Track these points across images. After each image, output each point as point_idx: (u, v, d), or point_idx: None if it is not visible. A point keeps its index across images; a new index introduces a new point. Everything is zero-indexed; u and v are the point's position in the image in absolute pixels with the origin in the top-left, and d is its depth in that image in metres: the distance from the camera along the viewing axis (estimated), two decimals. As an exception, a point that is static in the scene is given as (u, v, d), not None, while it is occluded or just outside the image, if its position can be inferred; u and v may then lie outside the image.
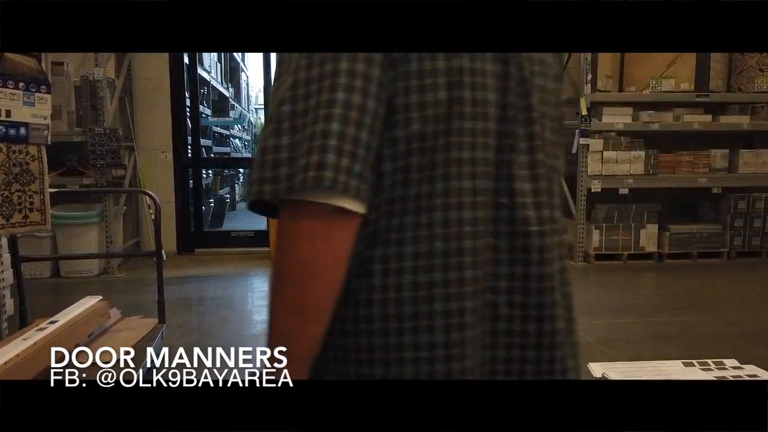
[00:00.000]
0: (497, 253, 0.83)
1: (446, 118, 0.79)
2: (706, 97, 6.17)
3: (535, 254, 0.84)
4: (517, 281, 0.84)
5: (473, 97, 0.80)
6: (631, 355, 3.51)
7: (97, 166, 5.44)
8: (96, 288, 5.31)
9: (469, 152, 0.80)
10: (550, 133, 0.90)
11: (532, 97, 0.86)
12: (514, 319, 0.84)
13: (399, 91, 0.79)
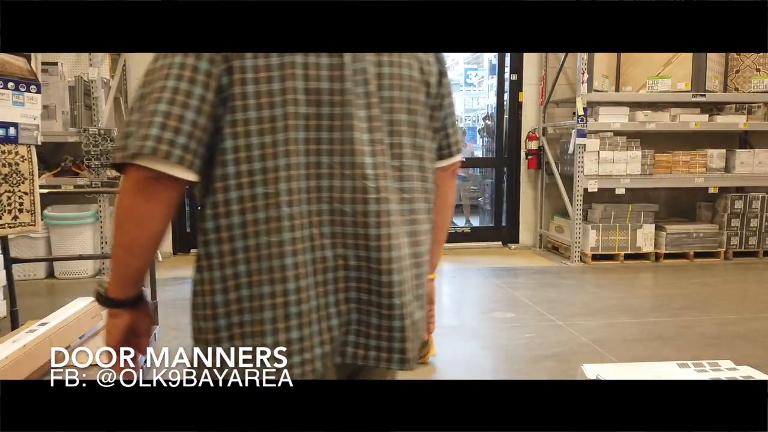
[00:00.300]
0: (344, 215, 1.01)
1: (282, 104, 0.96)
2: (703, 96, 6.16)
3: (372, 218, 1.01)
4: (361, 239, 1.02)
5: (306, 87, 0.98)
6: (627, 356, 3.49)
7: (91, 167, 5.40)
8: (91, 289, 5.27)
9: (303, 133, 0.98)
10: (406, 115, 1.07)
11: (369, 85, 1.02)
12: (361, 269, 1.03)
13: (235, 81, 0.96)
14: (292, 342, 1.02)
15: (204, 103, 0.95)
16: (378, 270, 1.03)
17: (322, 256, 1.02)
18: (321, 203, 1.01)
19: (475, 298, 5.01)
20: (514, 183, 7.18)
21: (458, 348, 3.73)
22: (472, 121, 21.18)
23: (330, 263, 1.03)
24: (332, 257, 1.03)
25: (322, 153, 1.00)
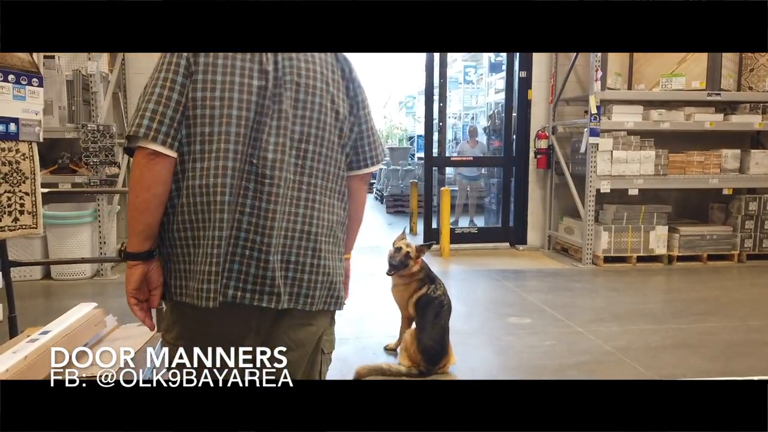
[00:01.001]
0: (247, 191, 1.43)
1: (220, 106, 1.41)
2: (718, 95, 6.03)
3: (266, 196, 1.43)
4: (255, 209, 1.43)
5: (239, 104, 1.43)
6: (654, 366, 3.35)
7: (89, 164, 5.21)
8: (89, 291, 5.10)
9: (235, 128, 1.41)
10: (314, 129, 1.51)
11: (284, 104, 1.47)
12: (250, 231, 1.43)
13: (196, 89, 1.41)
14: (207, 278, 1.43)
15: (179, 104, 1.42)
16: (261, 233, 1.44)
17: (231, 217, 1.43)
18: (234, 179, 1.43)
19: (488, 303, 4.85)
20: (522, 183, 7.03)
21: (477, 356, 3.57)
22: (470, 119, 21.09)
23: (232, 223, 1.43)
24: (245, 228, 1.44)
25: (240, 144, 1.43)
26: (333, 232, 1.58)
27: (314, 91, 1.53)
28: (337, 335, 3.85)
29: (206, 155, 1.42)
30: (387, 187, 12.09)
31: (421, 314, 3.20)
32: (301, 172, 1.49)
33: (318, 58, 1.58)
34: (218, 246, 1.42)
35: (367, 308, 4.52)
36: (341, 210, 1.61)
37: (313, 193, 1.51)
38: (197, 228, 1.44)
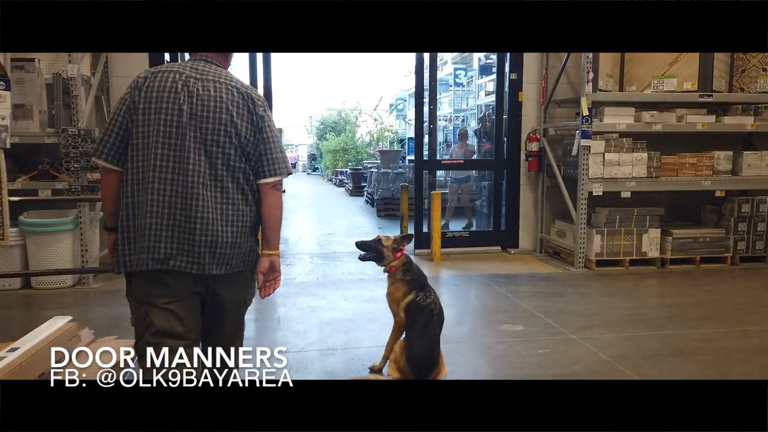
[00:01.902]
0: (177, 194, 2.04)
1: (150, 127, 2.05)
2: (710, 97, 5.97)
3: (197, 206, 2.05)
4: (194, 210, 2.05)
5: (166, 115, 2.06)
6: (651, 375, 3.26)
7: (70, 170, 5.05)
8: (70, 301, 4.95)
9: (165, 148, 2.04)
10: (219, 149, 2.10)
11: (196, 113, 2.07)
12: (182, 219, 2.04)
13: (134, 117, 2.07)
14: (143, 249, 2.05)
15: (119, 133, 2.09)
16: (188, 219, 2.05)
17: (168, 213, 2.05)
18: (167, 184, 2.05)
19: (480, 309, 4.76)
20: (513, 185, 6.95)
21: (468, 366, 3.47)
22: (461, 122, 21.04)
23: (169, 217, 2.05)
24: (170, 214, 2.05)
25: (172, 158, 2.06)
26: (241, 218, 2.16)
27: (218, 116, 2.11)
28: (325, 346, 3.74)
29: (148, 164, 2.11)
30: (378, 191, 11.98)
31: (411, 323, 3.07)
32: (214, 178, 2.11)
33: (224, 89, 2.15)
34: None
35: (355, 316, 4.41)
36: (246, 203, 2.17)
37: (224, 193, 2.12)
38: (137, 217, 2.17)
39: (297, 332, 4.07)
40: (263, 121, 2.18)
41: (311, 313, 4.54)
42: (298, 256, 6.94)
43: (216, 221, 2.08)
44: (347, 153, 23.92)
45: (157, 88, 2.07)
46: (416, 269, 3.24)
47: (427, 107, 7.00)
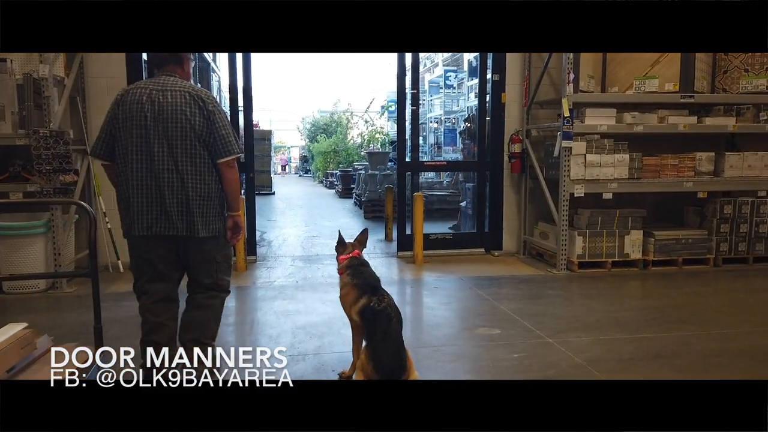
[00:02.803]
0: (151, 177, 2.83)
1: (126, 131, 2.84)
2: (691, 98, 5.94)
3: (164, 188, 2.82)
4: (160, 202, 2.84)
5: (136, 120, 2.82)
6: (625, 378, 3.20)
7: (42, 172, 4.97)
8: (41, 305, 4.85)
9: (137, 145, 2.82)
10: (180, 140, 2.83)
11: (160, 117, 2.82)
12: (159, 198, 2.84)
13: (116, 125, 2.87)
14: (138, 220, 2.86)
15: (107, 138, 2.90)
16: (161, 196, 2.81)
17: (143, 189, 2.82)
18: (141, 172, 2.81)
19: (458, 312, 4.69)
20: (497, 187, 6.89)
21: (440, 371, 3.40)
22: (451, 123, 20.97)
23: (145, 192, 2.82)
24: (147, 189, 2.82)
25: (133, 147, 2.82)
26: (205, 193, 2.89)
27: (177, 116, 2.84)
28: (296, 351, 3.66)
29: (127, 163, 2.87)
30: (365, 193, 11.90)
31: (370, 331, 3.00)
32: (175, 163, 2.83)
33: (181, 97, 2.86)
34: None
35: (331, 320, 4.34)
36: (208, 181, 2.89)
37: (182, 174, 2.84)
38: (125, 202, 2.96)
39: (269, 337, 3.99)
40: (213, 115, 2.89)
41: (287, 317, 4.47)
42: (279, 258, 6.86)
43: (180, 196, 2.84)
44: (338, 155, 23.85)
45: (129, 101, 2.85)
46: (367, 273, 3.18)
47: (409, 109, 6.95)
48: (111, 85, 6.05)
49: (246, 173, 6.39)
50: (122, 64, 6.07)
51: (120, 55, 6.06)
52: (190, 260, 2.98)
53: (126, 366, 3.42)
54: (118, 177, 2.90)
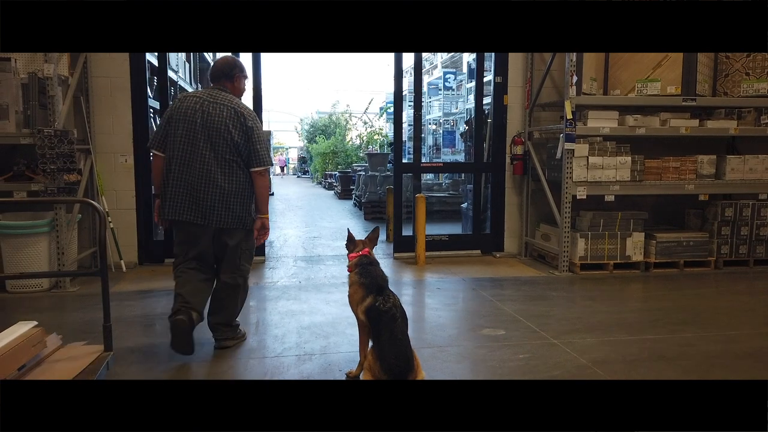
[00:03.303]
0: (192, 174, 3.41)
1: (177, 131, 3.44)
2: (693, 101, 5.97)
3: (201, 185, 3.40)
4: (195, 196, 3.41)
5: (186, 124, 3.43)
6: (630, 379, 3.22)
7: (46, 171, 4.97)
8: (45, 305, 4.85)
9: (183, 145, 3.42)
10: (222, 147, 3.42)
11: (206, 125, 3.41)
12: (194, 192, 3.41)
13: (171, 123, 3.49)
14: (173, 206, 3.43)
15: (165, 132, 3.50)
16: (196, 192, 3.39)
17: (181, 181, 3.40)
18: (183, 167, 3.41)
19: (462, 313, 4.70)
20: (498, 189, 6.92)
21: (446, 371, 3.42)
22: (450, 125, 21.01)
23: (182, 185, 3.40)
24: (184, 182, 3.40)
25: (179, 145, 3.43)
26: (238, 192, 3.47)
27: (220, 126, 3.41)
28: (302, 351, 3.67)
29: (172, 157, 3.46)
30: (365, 194, 11.91)
31: (377, 331, 3.01)
32: (218, 165, 3.42)
33: (227, 110, 3.44)
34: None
35: (336, 320, 4.35)
36: (242, 183, 3.48)
37: (221, 176, 3.43)
38: (166, 188, 3.48)
39: (275, 337, 4.00)
40: (251, 131, 3.47)
41: (291, 317, 4.48)
42: (282, 259, 6.87)
43: (212, 193, 3.41)
44: (337, 156, 23.86)
45: (185, 107, 3.44)
46: (375, 272, 3.19)
47: (406, 112, 6.97)
48: (114, 84, 6.08)
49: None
50: (126, 65, 6.08)
51: (123, 55, 6.07)
52: (217, 247, 3.55)
53: (133, 363, 3.44)
54: (163, 169, 3.47)
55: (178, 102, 3.48)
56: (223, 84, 3.56)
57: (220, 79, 3.57)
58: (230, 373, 3.38)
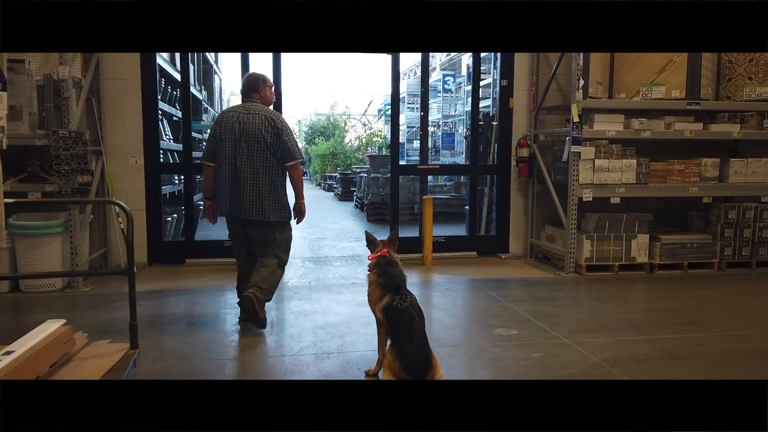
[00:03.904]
0: (235, 175, 4.11)
1: (222, 143, 4.15)
2: (698, 105, 6.06)
3: (241, 184, 4.09)
4: (238, 195, 4.11)
5: (228, 135, 4.13)
6: (644, 378, 3.29)
7: (61, 172, 5.02)
8: (59, 304, 4.89)
9: (228, 153, 4.13)
10: (256, 148, 4.08)
11: (244, 133, 4.09)
12: (235, 191, 4.12)
13: (216, 137, 4.22)
14: (223, 205, 4.20)
15: (213, 146, 4.24)
16: (241, 191, 4.09)
17: (229, 184, 4.11)
18: (230, 171, 4.11)
19: (473, 313, 4.77)
20: (504, 191, 6.99)
21: (463, 370, 3.48)
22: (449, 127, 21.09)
23: (230, 187, 4.11)
24: (231, 185, 4.11)
25: (226, 154, 4.13)
26: (271, 189, 4.12)
27: (256, 133, 4.05)
28: (320, 350, 3.73)
29: (221, 164, 4.18)
30: (368, 195, 11.97)
31: (395, 330, 3.08)
32: (251, 166, 4.06)
33: (259, 118, 4.08)
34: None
35: (349, 320, 4.41)
36: (274, 180, 4.12)
37: (255, 174, 4.07)
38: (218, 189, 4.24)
39: (291, 336, 4.05)
40: (281, 132, 4.13)
41: (305, 317, 4.53)
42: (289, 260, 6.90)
43: (253, 190, 4.09)
44: (336, 158, 23.91)
45: (225, 121, 4.15)
46: (393, 272, 3.25)
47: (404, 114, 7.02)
48: (125, 86, 6.12)
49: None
50: (137, 66, 6.13)
51: (134, 57, 6.12)
52: (257, 237, 4.19)
53: (155, 361, 3.49)
54: (214, 176, 4.23)
55: (219, 118, 4.22)
56: (252, 96, 4.22)
57: (249, 93, 4.24)
58: (251, 371, 3.43)
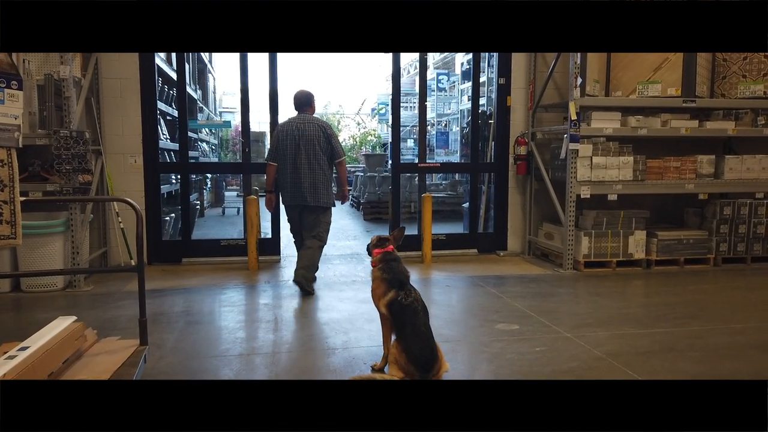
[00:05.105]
0: (294, 170, 5.23)
1: (284, 145, 5.27)
2: (693, 102, 6.13)
3: (300, 177, 5.21)
4: (298, 186, 5.23)
5: (289, 140, 5.25)
6: (644, 371, 3.35)
7: (62, 172, 5.02)
8: (61, 303, 4.90)
9: (290, 154, 5.26)
10: (313, 147, 5.22)
11: (300, 140, 5.22)
12: (295, 181, 5.24)
13: (279, 141, 5.34)
14: (287, 196, 5.32)
15: (276, 148, 5.36)
16: (300, 183, 5.20)
17: (290, 178, 5.24)
18: (290, 168, 5.24)
19: (475, 309, 4.82)
20: (502, 189, 7.04)
21: (468, 363, 3.53)
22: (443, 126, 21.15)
23: (291, 180, 5.23)
24: (292, 178, 5.23)
25: (288, 155, 5.26)
26: (323, 181, 5.24)
27: (311, 137, 5.20)
28: (325, 346, 3.77)
29: (283, 166, 5.28)
30: (364, 194, 11.99)
31: (399, 325, 3.12)
32: (309, 163, 5.19)
33: (313, 126, 5.24)
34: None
35: (352, 316, 4.45)
36: (326, 174, 5.26)
37: (313, 169, 5.19)
38: (281, 181, 5.33)
39: (295, 333, 4.08)
40: (330, 137, 5.28)
41: (308, 314, 4.56)
42: (289, 258, 6.93)
43: (308, 183, 5.16)
44: (331, 157, 23.82)
45: (286, 129, 5.22)
46: (397, 268, 3.29)
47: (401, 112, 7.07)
48: (124, 86, 6.13)
49: (243, 174, 6.49)
50: (135, 67, 6.14)
51: (133, 57, 6.12)
52: (310, 219, 5.25)
53: (161, 358, 3.52)
54: (277, 172, 5.29)
55: (281, 126, 5.30)
56: (305, 110, 5.36)
57: (303, 106, 5.36)
58: (258, 368, 3.46)
